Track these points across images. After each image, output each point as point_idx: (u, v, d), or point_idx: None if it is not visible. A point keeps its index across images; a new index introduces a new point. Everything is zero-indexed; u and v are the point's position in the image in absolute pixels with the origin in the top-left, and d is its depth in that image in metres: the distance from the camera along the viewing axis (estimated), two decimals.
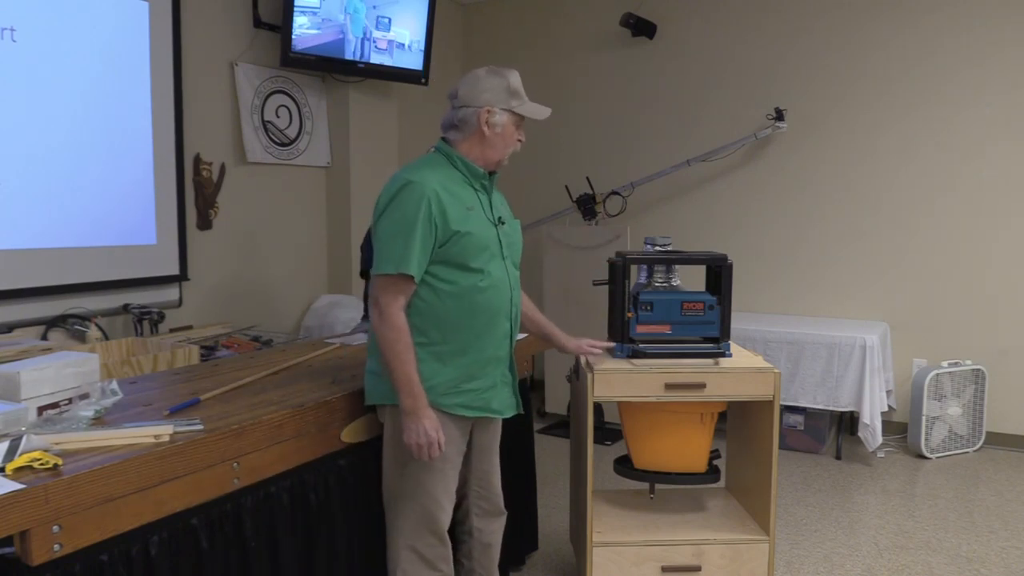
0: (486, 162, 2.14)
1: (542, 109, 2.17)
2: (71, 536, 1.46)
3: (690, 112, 5.23)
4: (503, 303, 2.14)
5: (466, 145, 2.13)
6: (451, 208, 2.02)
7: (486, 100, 2.09)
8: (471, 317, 2.07)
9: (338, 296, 4.84)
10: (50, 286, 3.48)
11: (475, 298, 2.07)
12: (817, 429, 4.47)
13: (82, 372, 1.83)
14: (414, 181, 2.01)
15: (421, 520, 2.13)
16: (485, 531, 2.38)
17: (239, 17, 4.34)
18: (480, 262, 2.07)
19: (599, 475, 3.82)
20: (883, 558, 3.16)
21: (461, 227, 2.03)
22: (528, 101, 2.15)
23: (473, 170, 2.12)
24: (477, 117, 2.09)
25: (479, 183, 2.14)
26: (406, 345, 2.00)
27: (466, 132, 2.11)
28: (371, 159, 5.02)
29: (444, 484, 2.15)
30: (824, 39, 4.83)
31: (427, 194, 1.99)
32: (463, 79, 2.14)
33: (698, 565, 2.53)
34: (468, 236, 2.04)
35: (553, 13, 5.62)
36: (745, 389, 2.45)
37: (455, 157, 2.12)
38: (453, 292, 2.05)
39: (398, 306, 2.00)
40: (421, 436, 2.00)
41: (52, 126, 3.45)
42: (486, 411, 2.18)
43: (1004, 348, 4.52)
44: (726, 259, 2.56)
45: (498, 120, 2.10)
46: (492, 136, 2.11)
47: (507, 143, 2.14)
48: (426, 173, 2.05)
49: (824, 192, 4.90)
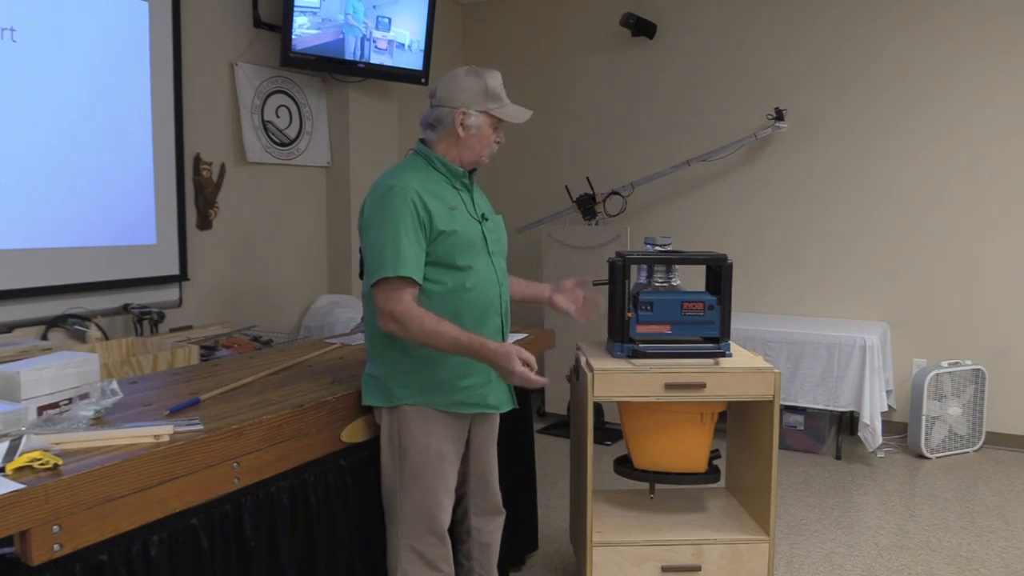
0: (462, 162, 2.14)
1: (522, 112, 2.14)
2: (71, 536, 1.46)
3: (690, 112, 5.23)
4: (492, 298, 2.14)
5: (443, 145, 2.12)
6: (435, 208, 2.03)
7: (461, 101, 2.07)
8: (461, 315, 2.07)
9: (338, 296, 4.84)
10: (50, 286, 3.48)
11: (464, 296, 2.08)
12: (817, 429, 4.47)
13: (82, 372, 1.83)
14: (396, 185, 2.02)
15: (421, 520, 2.13)
16: (484, 530, 2.38)
17: (239, 17, 4.34)
18: (467, 260, 2.08)
19: (599, 475, 3.82)
20: (883, 558, 3.16)
21: (446, 226, 2.04)
22: (508, 103, 2.12)
23: (452, 170, 2.13)
24: (452, 118, 2.08)
25: (459, 182, 2.15)
26: (436, 321, 1.98)
27: (441, 132, 2.11)
28: (371, 159, 5.02)
29: (443, 483, 2.15)
30: (824, 39, 4.83)
31: (410, 196, 2.00)
32: (442, 77, 2.13)
33: (698, 565, 2.53)
34: (454, 235, 2.05)
35: (553, 13, 5.63)
36: (745, 389, 2.45)
37: (434, 158, 2.12)
38: (442, 291, 2.06)
39: (406, 302, 1.99)
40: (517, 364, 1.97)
41: (52, 126, 3.45)
42: (483, 407, 2.18)
43: (1004, 348, 4.52)
44: (726, 259, 2.56)
45: (473, 122, 2.09)
46: (467, 137, 2.10)
47: (483, 144, 2.13)
48: (407, 176, 2.05)
49: (824, 192, 4.90)
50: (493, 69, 2.15)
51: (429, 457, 2.11)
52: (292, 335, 4.53)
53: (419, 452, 2.10)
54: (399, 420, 2.11)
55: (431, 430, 2.11)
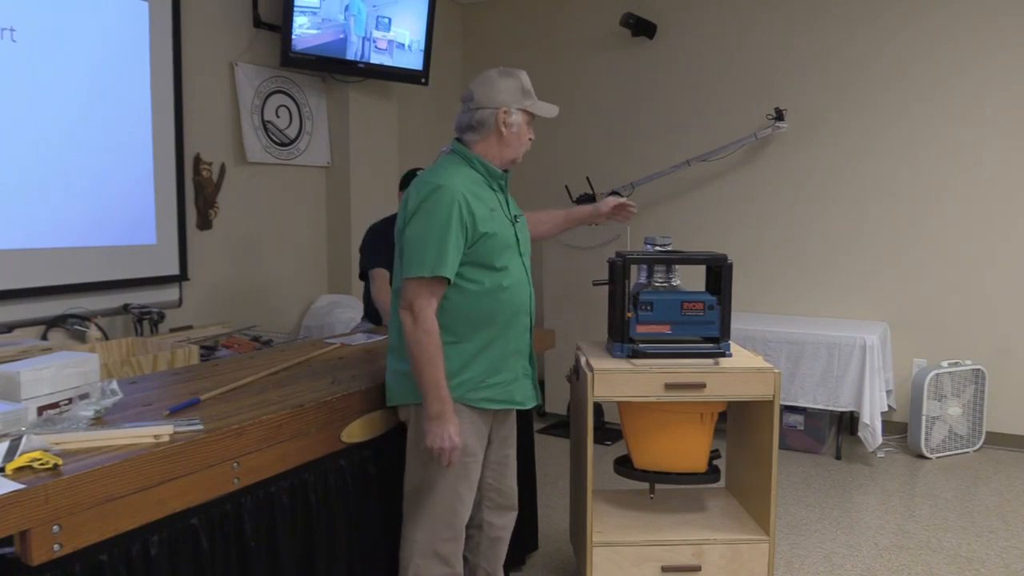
0: (503, 161, 2.21)
1: (551, 107, 2.23)
2: (71, 536, 1.46)
3: (690, 112, 5.23)
4: (524, 298, 2.21)
5: (483, 146, 2.18)
6: (478, 210, 2.09)
7: (502, 100, 2.14)
8: (496, 314, 2.13)
9: (338, 296, 4.84)
10: (50, 286, 3.48)
11: (499, 296, 2.14)
12: (817, 429, 4.47)
13: (82, 372, 1.83)
14: (444, 185, 2.06)
15: (442, 515, 2.17)
16: (495, 525, 2.40)
17: (239, 17, 4.34)
18: (503, 260, 2.14)
19: (599, 475, 3.82)
20: (883, 558, 3.16)
21: (488, 228, 2.09)
22: (538, 100, 2.21)
23: (491, 171, 2.19)
24: (495, 118, 2.14)
25: (497, 183, 2.21)
26: (437, 349, 2.03)
27: (483, 133, 2.17)
28: (371, 159, 5.02)
29: (467, 479, 2.18)
30: (824, 39, 4.83)
31: (457, 198, 2.04)
32: (476, 81, 2.19)
33: (698, 565, 2.53)
34: (494, 237, 2.11)
35: (553, 13, 5.63)
36: (745, 389, 2.45)
37: (473, 158, 2.17)
38: (479, 291, 2.11)
39: (432, 310, 2.04)
40: (446, 440, 2.03)
41: (52, 126, 3.45)
42: (510, 403, 2.23)
43: (1004, 348, 4.51)
44: (726, 259, 2.56)
45: (514, 120, 2.16)
46: (509, 136, 2.17)
47: (521, 142, 2.21)
48: (453, 177, 2.10)
49: (824, 192, 4.90)
50: (520, 68, 2.23)
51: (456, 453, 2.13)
52: (292, 335, 4.53)
53: None
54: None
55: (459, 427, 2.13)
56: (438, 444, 2.04)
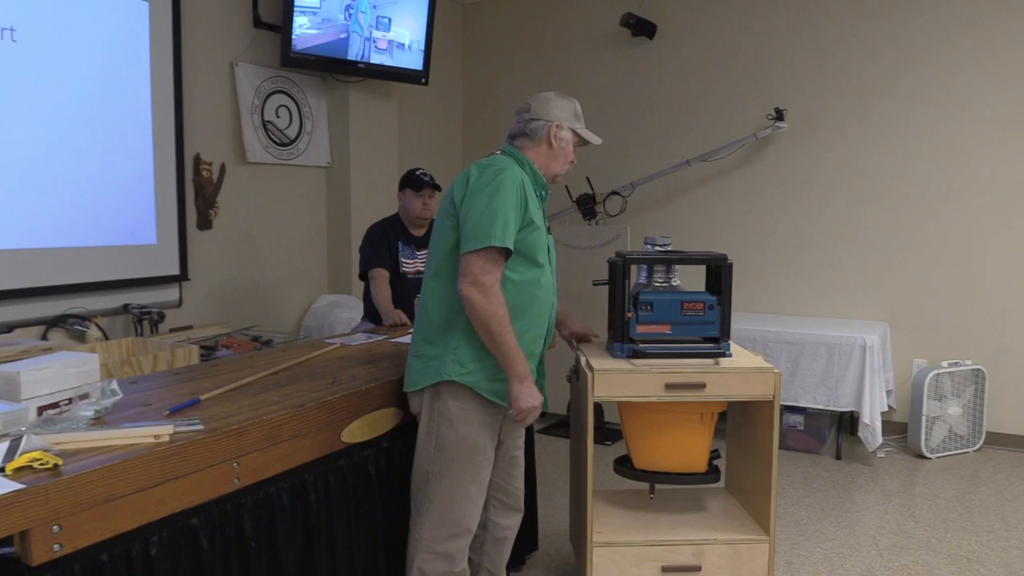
0: (547, 173, 2.30)
1: (596, 137, 2.35)
2: (71, 536, 1.46)
3: (690, 112, 5.23)
4: (550, 303, 2.30)
5: (533, 152, 2.27)
6: (531, 199, 2.18)
7: (556, 116, 2.27)
8: (526, 309, 2.19)
9: (338, 296, 4.84)
10: (50, 286, 3.48)
11: (534, 292, 2.21)
12: (817, 429, 4.47)
13: (82, 372, 1.83)
14: (506, 169, 2.14)
15: (447, 511, 2.18)
16: (500, 525, 2.43)
17: (239, 17, 4.34)
18: (543, 259, 2.23)
19: (599, 475, 3.82)
20: (883, 558, 3.16)
21: (536, 219, 2.17)
22: (585, 128, 2.34)
23: (538, 176, 2.27)
24: (547, 130, 2.26)
25: (541, 190, 2.29)
26: (506, 315, 2.10)
27: (535, 140, 2.27)
28: (371, 159, 5.02)
29: (476, 476, 2.20)
30: (824, 39, 4.83)
31: (517, 183, 2.13)
32: (534, 97, 2.32)
33: (698, 565, 2.53)
34: (538, 230, 2.19)
35: (553, 13, 5.63)
36: (745, 389, 2.44)
37: (523, 160, 2.25)
38: (519, 280, 2.17)
39: (499, 283, 2.10)
40: (536, 399, 2.12)
41: (52, 126, 3.45)
42: None
43: (1004, 348, 4.52)
44: (726, 259, 2.56)
45: (564, 136, 2.28)
46: (557, 149, 2.28)
47: (566, 159, 2.31)
48: (513, 166, 2.17)
49: (824, 192, 4.91)
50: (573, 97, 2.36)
51: (467, 449, 2.17)
52: (292, 335, 4.53)
53: (457, 443, 2.17)
54: (440, 412, 2.17)
55: (471, 421, 2.17)
56: (529, 403, 2.10)
